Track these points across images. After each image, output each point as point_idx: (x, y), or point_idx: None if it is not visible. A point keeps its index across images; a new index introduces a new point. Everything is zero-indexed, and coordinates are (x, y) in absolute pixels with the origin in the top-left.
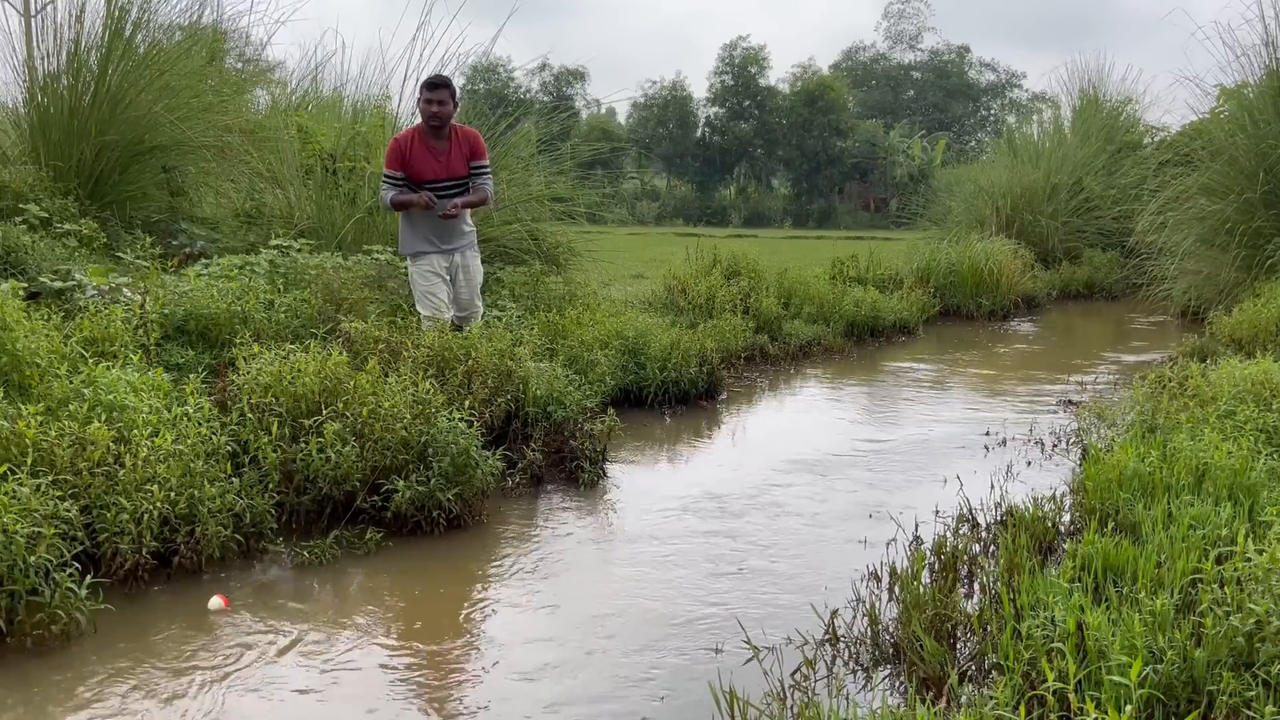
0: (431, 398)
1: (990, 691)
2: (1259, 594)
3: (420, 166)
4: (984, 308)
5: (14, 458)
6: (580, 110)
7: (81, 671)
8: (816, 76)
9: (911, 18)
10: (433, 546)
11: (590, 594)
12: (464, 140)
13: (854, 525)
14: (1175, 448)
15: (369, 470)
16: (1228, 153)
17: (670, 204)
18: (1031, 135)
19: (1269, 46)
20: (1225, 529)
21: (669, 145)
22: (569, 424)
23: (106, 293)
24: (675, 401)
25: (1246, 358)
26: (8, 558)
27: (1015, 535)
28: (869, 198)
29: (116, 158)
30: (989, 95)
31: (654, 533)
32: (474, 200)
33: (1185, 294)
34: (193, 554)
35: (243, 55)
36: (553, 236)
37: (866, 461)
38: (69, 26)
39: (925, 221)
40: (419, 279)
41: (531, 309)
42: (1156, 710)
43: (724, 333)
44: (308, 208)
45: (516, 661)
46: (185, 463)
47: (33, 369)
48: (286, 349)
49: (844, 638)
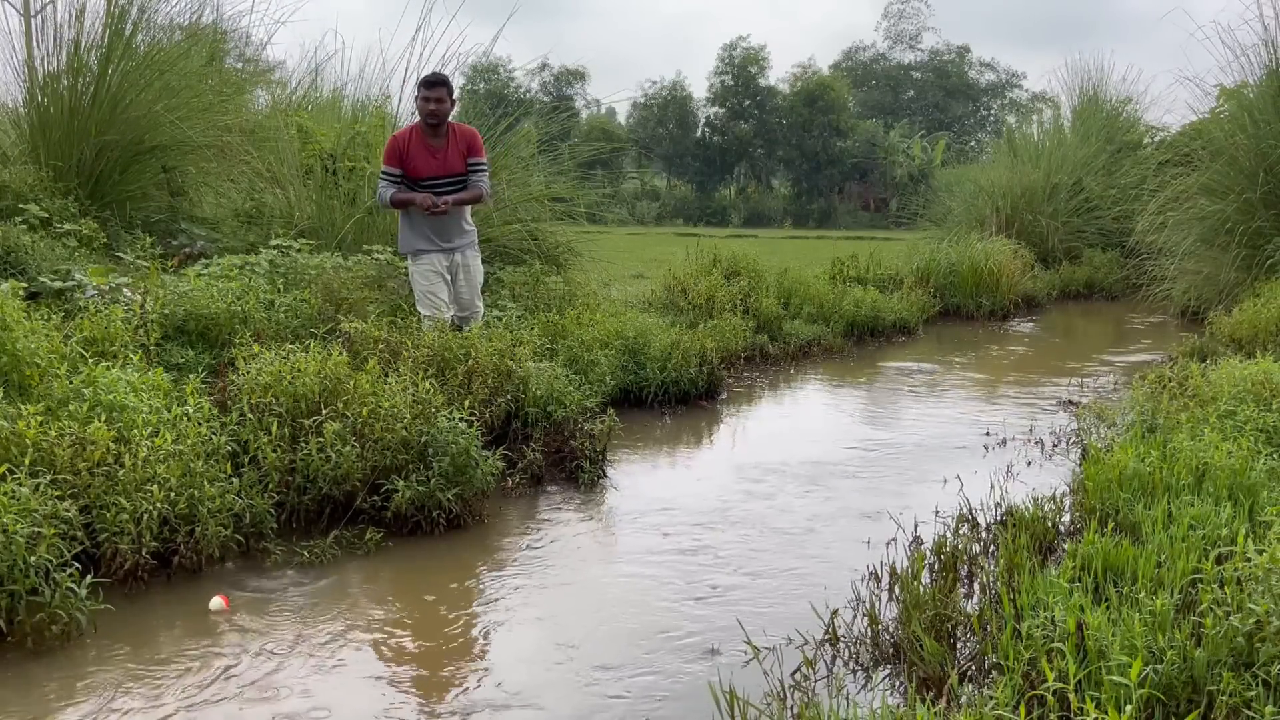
0: (431, 398)
1: (990, 691)
2: (1259, 594)
3: (418, 164)
4: (984, 308)
5: (14, 458)
6: (580, 110)
7: (81, 671)
8: (816, 76)
9: (911, 18)
10: (433, 546)
11: (590, 594)
12: (461, 138)
13: (854, 525)
14: (1175, 448)
15: (369, 470)
16: (1228, 153)
17: (670, 204)
18: (1031, 135)
19: (1269, 46)
20: (1225, 529)
21: (669, 145)
22: (569, 424)
23: (106, 293)
24: (675, 401)
25: (1246, 358)
26: (8, 558)
27: (1015, 535)
28: (869, 198)
29: (116, 158)
30: (989, 95)
31: (654, 532)
32: (467, 197)
33: (1185, 294)
34: (193, 554)
35: (243, 55)
36: (553, 236)
37: (866, 461)
38: (69, 26)
39: (925, 221)
40: (419, 279)
41: (531, 309)
42: (1156, 710)
43: (724, 333)
44: (308, 208)
45: (516, 663)
46: (185, 463)
47: (33, 369)
48: (286, 349)
49: (844, 638)
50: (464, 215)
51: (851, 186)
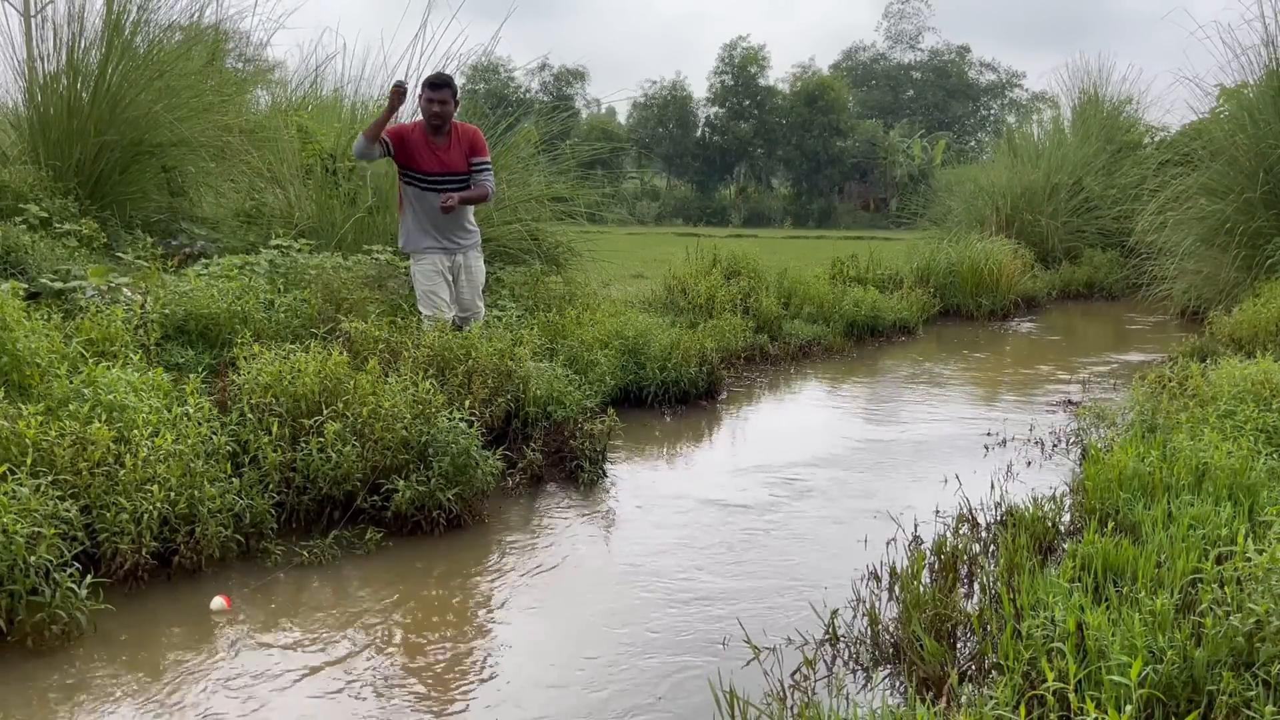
0: (431, 398)
1: (990, 691)
2: (1259, 594)
3: (420, 159)
4: (984, 308)
5: (14, 458)
6: (580, 110)
7: (81, 671)
8: (816, 76)
9: (911, 17)
10: (433, 546)
11: (589, 595)
12: (464, 137)
13: (854, 525)
14: (1175, 448)
15: (369, 470)
16: (1228, 152)
17: (670, 204)
18: (1031, 135)
19: (1269, 46)
20: (1225, 529)
21: (669, 145)
22: (569, 424)
23: (106, 293)
24: (675, 401)
25: (1246, 358)
26: (8, 558)
27: (1015, 535)
28: (869, 198)
29: (116, 158)
30: (989, 95)
31: (653, 532)
32: (474, 196)
33: (1185, 294)
34: (193, 554)
35: (243, 55)
36: (553, 236)
37: (866, 461)
38: (69, 26)
39: (925, 221)
40: (421, 278)
41: (531, 309)
42: (1156, 710)
43: (724, 333)
44: (308, 208)
45: (516, 663)
46: (185, 463)
47: (33, 369)
48: (286, 349)
49: (844, 638)
50: (467, 216)
51: (851, 186)
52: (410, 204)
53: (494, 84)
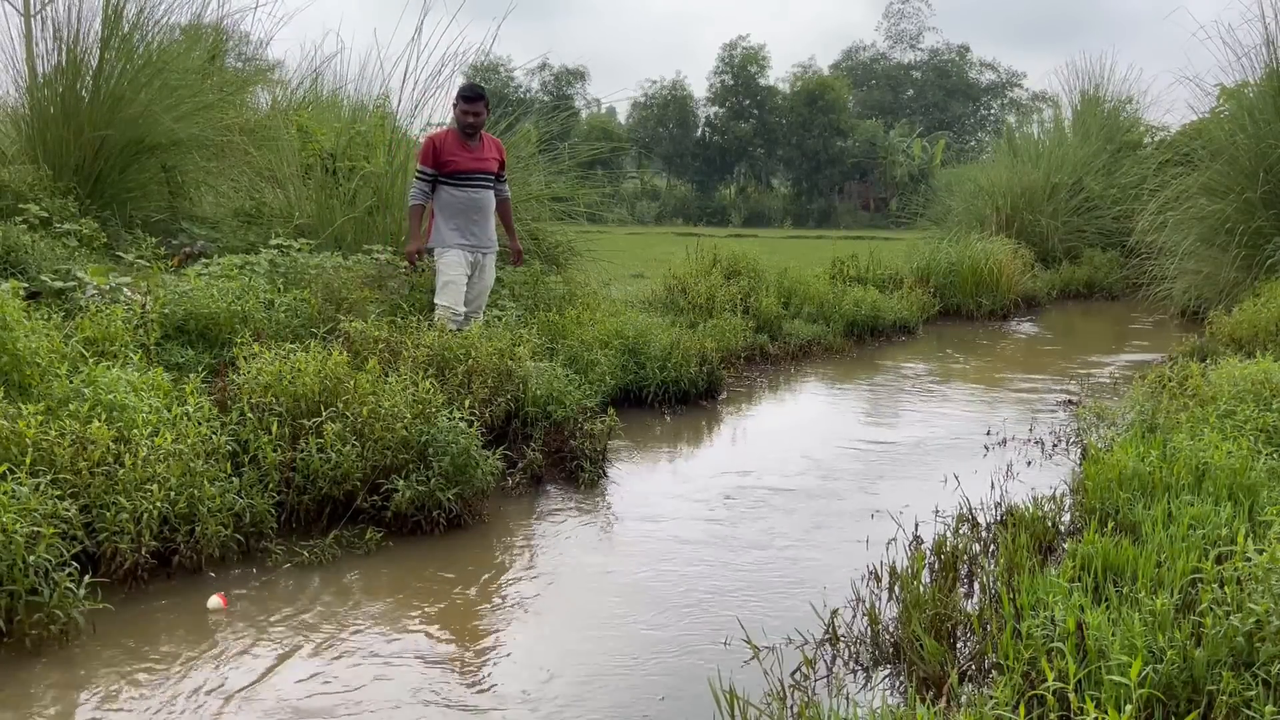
0: (431, 397)
1: (990, 691)
2: (1259, 594)
3: (457, 159)
4: (984, 307)
5: (14, 457)
6: (580, 110)
7: (81, 671)
8: (816, 76)
9: (912, 17)
10: (433, 546)
11: (589, 593)
12: (492, 145)
13: (854, 525)
14: (1175, 447)
15: (369, 470)
16: (1228, 152)
17: (670, 204)
18: (1032, 135)
19: (1269, 46)
20: (1225, 529)
21: (669, 145)
22: (569, 424)
23: (106, 292)
24: (675, 401)
25: (1246, 357)
26: (7, 557)
27: (1015, 535)
28: (869, 197)
29: (116, 157)
30: (989, 95)
31: (653, 532)
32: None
33: (1185, 294)
34: (192, 554)
35: (243, 55)
36: (553, 236)
37: (866, 461)
38: (68, 26)
39: (925, 221)
40: (445, 269)
41: (531, 309)
42: (1156, 710)
43: (724, 332)
44: (308, 207)
45: (516, 663)
46: (185, 462)
47: (33, 368)
48: (286, 349)
49: (844, 637)
50: (492, 223)
51: (851, 186)
52: (443, 205)
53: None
